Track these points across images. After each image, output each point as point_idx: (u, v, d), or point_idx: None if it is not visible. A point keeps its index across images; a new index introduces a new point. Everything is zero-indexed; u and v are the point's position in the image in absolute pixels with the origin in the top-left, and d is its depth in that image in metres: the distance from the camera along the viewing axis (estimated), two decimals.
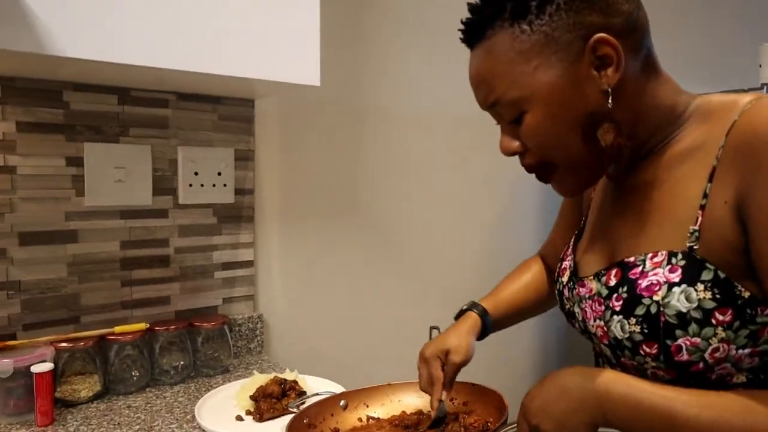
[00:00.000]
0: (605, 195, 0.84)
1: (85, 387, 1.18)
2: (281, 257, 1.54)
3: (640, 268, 0.68)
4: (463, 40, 0.74)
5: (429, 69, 1.77)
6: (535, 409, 0.69)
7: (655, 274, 0.66)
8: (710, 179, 0.65)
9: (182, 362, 1.29)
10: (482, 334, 1.00)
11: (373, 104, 1.68)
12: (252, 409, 1.11)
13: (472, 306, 1.02)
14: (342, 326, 1.67)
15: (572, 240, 0.89)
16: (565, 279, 0.85)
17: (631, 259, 0.70)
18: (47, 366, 1.07)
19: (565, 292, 0.84)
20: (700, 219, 0.65)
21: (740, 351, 0.63)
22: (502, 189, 2.00)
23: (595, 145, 0.69)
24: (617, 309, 0.69)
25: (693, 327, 0.63)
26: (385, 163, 1.72)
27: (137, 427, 1.07)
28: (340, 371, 1.41)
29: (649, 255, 0.68)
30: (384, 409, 1.05)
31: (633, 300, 0.67)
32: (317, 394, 1.12)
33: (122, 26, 0.95)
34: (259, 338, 1.48)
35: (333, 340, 1.65)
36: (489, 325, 1.01)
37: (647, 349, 0.67)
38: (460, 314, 1.03)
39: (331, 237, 1.63)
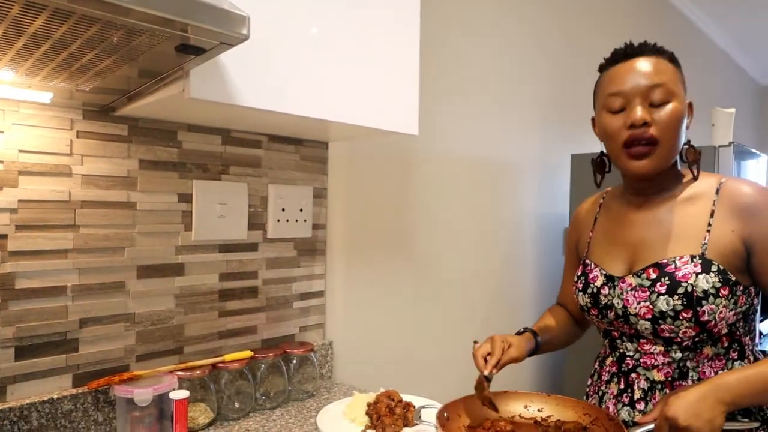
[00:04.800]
0: (611, 218, 1.20)
1: (201, 414, 1.23)
2: (344, 287, 1.66)
3: (673, 265, 1.05)
4: (625, 54, 1.09)
5: (466, 120, 1.99)
6: (683, 414, 0.93)
7: (685, 269, 1.04)
8: (711, 216, 1.06)
9: (279, 388, 1.37)
10: (531, 352, 1.22)
11: (421, 149, 1.87)
12: (369, 424, 1.22)
13: (529, 330, 1.25)
14: (395, 348, 1.80)
15: (584, 258, 1.21)
16: (599, 283, 1.15)
17: (665, 260, 1.07)
18: (184, 393, 1.12)
19: (603, 290, 1.14)
20: (707, 237, 1.05)
21: (729, 312, 1.03)
22: (508, 234, 2.26)
23: (679, 152, 1.09)
24: (662, 292, 1.05)
25: (711, 298, 1.02)
26: (425, 202, 1.91)
27: None
28: (402, 388, 1.53)
29: (677, 257, 1.06)
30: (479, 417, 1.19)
31: (674, 285, 1.04)
32: (424, 407, 1.25)
33: (274, 78, 1.07)
34: (329, 363, 1.58)
35: (389, 360, 1.78)
36: (539, 345, 1.23)
37: (684, 315, 1.03)
38: (518, 333, 1.24)
39: (383, 268, 1.77)
